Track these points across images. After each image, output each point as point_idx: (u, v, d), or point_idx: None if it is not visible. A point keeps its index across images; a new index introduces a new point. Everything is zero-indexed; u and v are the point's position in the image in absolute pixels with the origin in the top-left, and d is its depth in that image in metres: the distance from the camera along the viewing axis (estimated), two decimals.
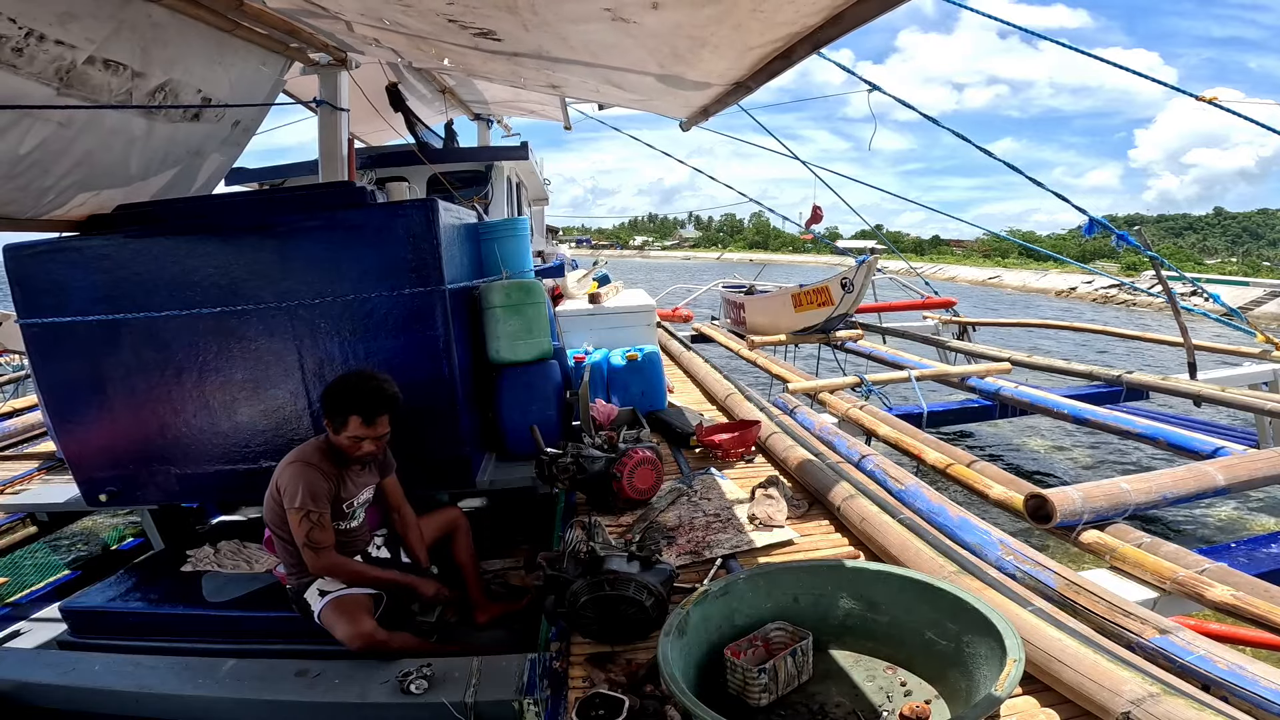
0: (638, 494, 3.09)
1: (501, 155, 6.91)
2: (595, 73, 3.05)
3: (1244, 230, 66.60)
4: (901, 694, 1.73)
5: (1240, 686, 1.72)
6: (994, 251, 52.90)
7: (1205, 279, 20.41)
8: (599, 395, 4.21)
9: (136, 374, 2.97)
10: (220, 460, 3.06)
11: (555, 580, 2.17)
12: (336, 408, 2.35)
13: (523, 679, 2.01)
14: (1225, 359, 6.57)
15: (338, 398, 2.36)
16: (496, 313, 3.38)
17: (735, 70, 2.37)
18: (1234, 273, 30.46)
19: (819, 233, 9.02)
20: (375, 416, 2.35)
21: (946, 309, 9.64)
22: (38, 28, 2.26)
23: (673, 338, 8.12)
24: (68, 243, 2.98)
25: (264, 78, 3.72)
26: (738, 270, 22.25)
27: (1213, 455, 3.63)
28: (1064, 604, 2.16)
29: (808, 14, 1.73)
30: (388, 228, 2.87)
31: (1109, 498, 2.86)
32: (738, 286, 11.45)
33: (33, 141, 2.59)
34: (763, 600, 1.92)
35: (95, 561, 4.03)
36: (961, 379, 6.00)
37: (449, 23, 2.50)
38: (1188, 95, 4.53)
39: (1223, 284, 20.07)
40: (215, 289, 2.88)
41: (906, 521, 2.65)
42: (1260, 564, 2.75)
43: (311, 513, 2.27)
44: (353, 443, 2.36)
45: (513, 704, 1.94)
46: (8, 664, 2.44)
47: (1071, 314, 20.11)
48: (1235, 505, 5.50)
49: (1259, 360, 6.20)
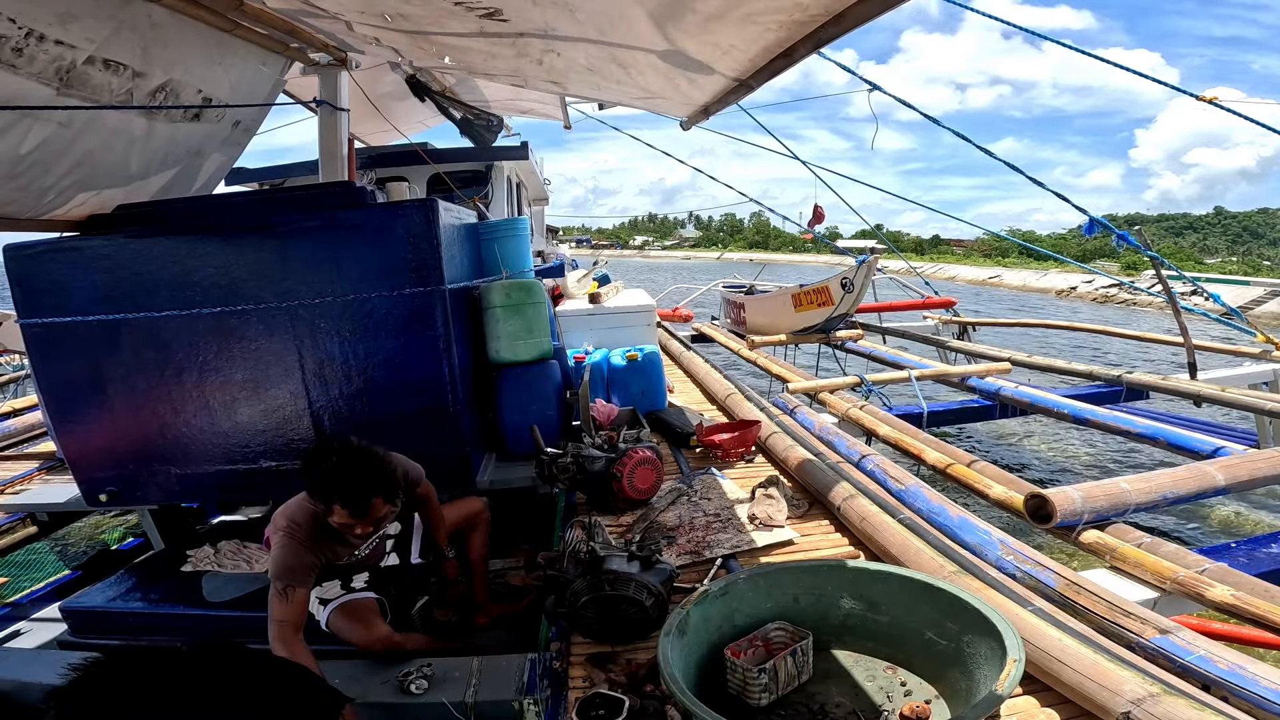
0: (638, 494, 3.09)
1: (501, 155, 6.91)
2: (599, 58, 3.01)
3: (1244, 230, 66.58)
4: (901, 694, 1.73)
5: (1240, 686, 1.72)
6: (994, 251, 52.91)
7: (1205, 278, 20.42)
8: (599, 395, 4.21)
9: (136, 374, 2.97)
10: (220, 460, 3.06)
11: (555, 580, 2.17)
12: (316, 491, 2.01)
13: (523, 679, 2.01)
14: (1225, 359, 6.57)
15: (315, 481, 2.00)
16: (496, 313, 3.38)
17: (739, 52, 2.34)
18: (1234, 272, 30.45)
19: (820, 233, 9.02)
20: (364, 506, 2.00)
21: (946, 309, 9.63)
22: (38, 28, 2.26)
23: (673, 338, 8.11)
24: (68, 243, 2.98)
25: (264, 78, 3.72)
26: (738, 270, 22.25)
27: (1213, 455, 3.63)
28: (1064, 604, 2.16)
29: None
30: (388, 228, 2.87)
31: (1109, 498, 2.86)
32: (738, 286, 11.44)
33: (33, 141, 2.59)
34: (763, 600, 1.92)
35: (95, 561, 4.03)
36: (961, 379, 6.00)
37: (455, 6, 2.48)
38: (1188, 95, 4.53)
39: (1223, 283, 20.06)
40: (215, 289, 2.88)
41: (906, 521, 2.65)
42: (1260, 564, 2.75)
43: (288, 588, 2.01)
44: (343, 528, 2.05)
45: (513, 704, 1.94)
46: (8, 664, 2.44)
47: (1072, 314, 20.11)
48: (1235, 505, 5.50)
49: (1259, 360, 6.19)
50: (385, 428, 2.99)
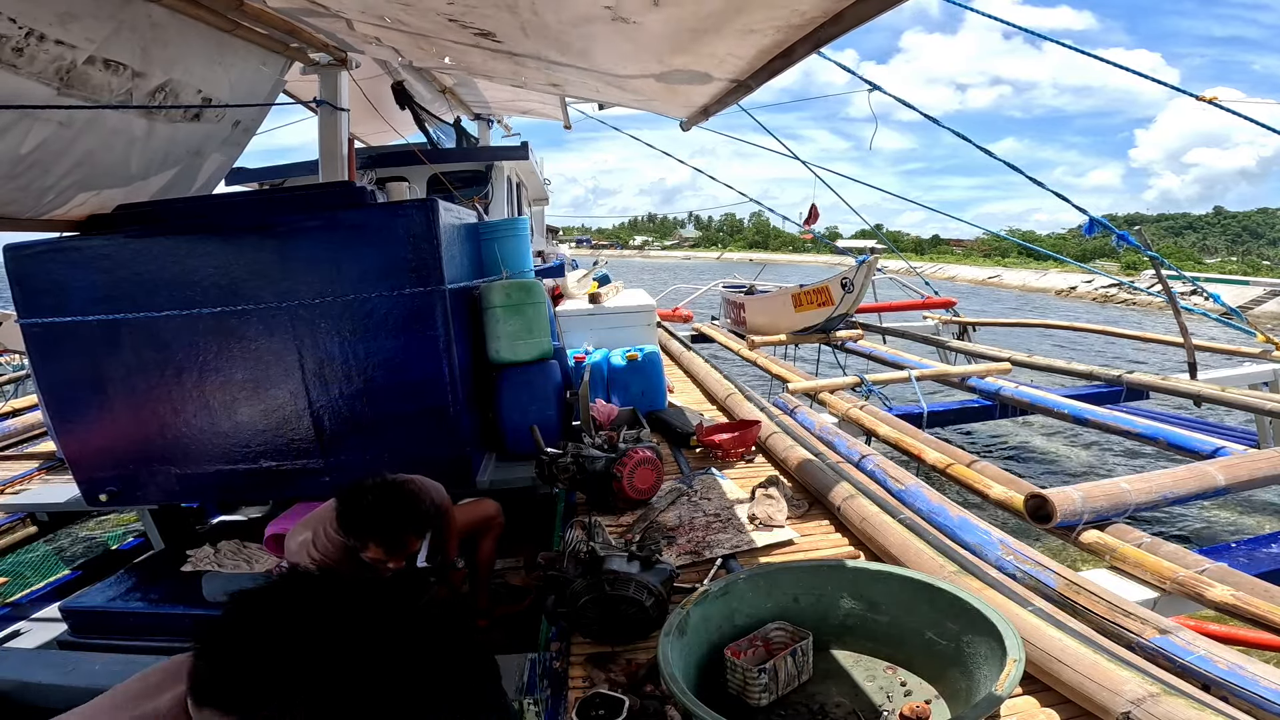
0: (638, 494, 3.09)
1: (501, 155, 6.91)
2: (595, 75, 3.04)
3: (1244, 229, 66.58)
4: (901, 694, 1.73)
5: (1240, 686, 1.72)
6: (994, 251, 52.92)
7: (1205, 278, 20.42)
8: (599, 395, 4.21)
9: (136, 374, 2.97)
10: (220, 460, 3.06)
11: (555, 580, 2.17)
12: (353, 529, 2.03)
13: (523, 679, 2.01)
14: (1225, 359, 6.57)
15: (353, 520, 2.02)
16: (496, 313, 3.38)
17: (737, 60, 2.35)
18: (1234, 272, 30.47)
19: (820, 233, 9.02)
20: (400, 546, 2.04)
21: (946, 309, 9.63)
22: (38, 27, 2.26)
23: (673, 338, 8.11)
24: (68, 243, 2.98)
25: (264, 78, 3.72)
26: (738, 270, 22.24)
27: (1213, 455, 3.63)
28: (1064, 604, 2.16)
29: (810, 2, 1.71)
30: (388, 228, 2.87)
31: (1109, 498, 2.86)
32: (738, 286, 11.44)
33: (33, 141, 2.59)
34: (763, 600, 1.92)
35: (95, 561, 4.03)
36: (961, 379, 6.00)
37: (449, 22, 2.50)
38: (1189, 95, 4.54)
39: (1223, 283, 20.07)
40: (215, 289, 2.88)
41: (906, 521, 2.65)
42: (1260, 564, 2.75)
43: None
44: (375, 563, 2.06)
45: (513, 704, 1.94)
46: (8, 664, 2.43)
47: (1072, 314, 20.11)
48: (1235, 505, 5.50)
49: (1259, 360, 6.20)
50: (385, 428, 2.99)
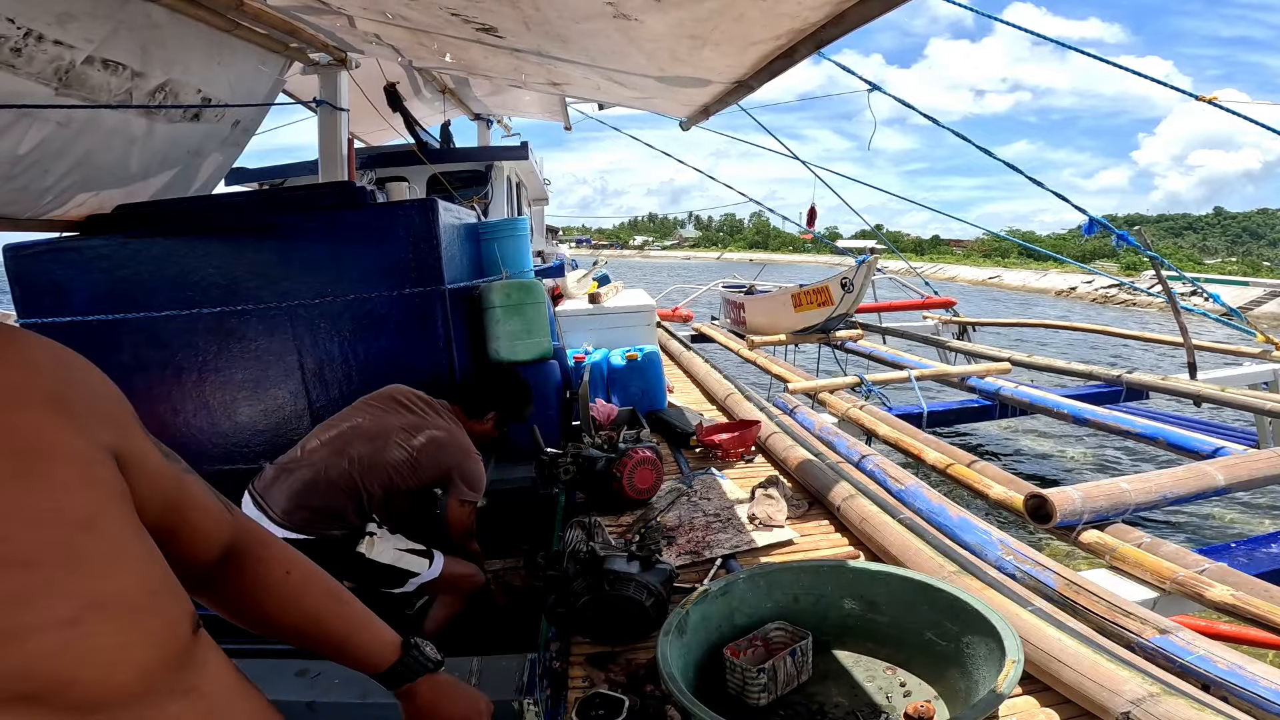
0: (638, 494, 3.09)
1: (501, 155, 6.90)
2: (596, 70, 3.04)
3: (1244, 230, 66.60)
4: (901, 694, 1.73)
5: (1240, 686, 1.72)
6: (994, 251, 52.92)
7: (1205, 279, 20.40)
8: (599, 395, 4.21)
9: (136, 374, 2.96)
10: (220, 460, 3.05)
11: (555, 580, 2.17)
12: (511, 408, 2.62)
13: (522, 679, 2.00)
14: (1225, 359, 6.57)
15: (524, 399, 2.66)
16: (496, 313, 3.38)
17: (736, 69, 2.36)
18: (1234, 272, 30.47)
19: (820, 233, 9.03)
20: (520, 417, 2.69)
21: (946, 309, 9.64)
22: (36, 28, 2.25)
23: (673, 338, 8.11)
24: (68, 243, 2.98)
25: (264, 78, 3.72)
26: (738, 270, 22.24)
27: (1213, 455, 3.63)
28: (1064, 604, 2.16)
29: (810, 7, 1.72)
30: (388, 228, 2.87)
31: (1109, 498, 2.86)
32: (738, 286, 11.44)
33: (32, 141, 2.59)
34: (763, 600, 1.92)
35: None
36: (961, 379, 6.00)
37: (451, 16, 2.50)
38: (1189, 95, 4.54)
39: (1223, 284, 20.07)
40: (215, 289, 2.88)
41: (906, 521, 2.65)
42: (1260, 564, 2.75)
43: (477, 504, 2.43)
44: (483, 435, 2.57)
45: (512, 704, 1.93)
46: None
47: (1072, 314, 20.11)
48: (1235, 505, 5.50)
49: (1259, 360, 6.20)
50: None
